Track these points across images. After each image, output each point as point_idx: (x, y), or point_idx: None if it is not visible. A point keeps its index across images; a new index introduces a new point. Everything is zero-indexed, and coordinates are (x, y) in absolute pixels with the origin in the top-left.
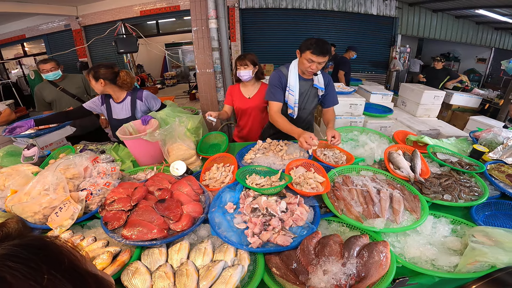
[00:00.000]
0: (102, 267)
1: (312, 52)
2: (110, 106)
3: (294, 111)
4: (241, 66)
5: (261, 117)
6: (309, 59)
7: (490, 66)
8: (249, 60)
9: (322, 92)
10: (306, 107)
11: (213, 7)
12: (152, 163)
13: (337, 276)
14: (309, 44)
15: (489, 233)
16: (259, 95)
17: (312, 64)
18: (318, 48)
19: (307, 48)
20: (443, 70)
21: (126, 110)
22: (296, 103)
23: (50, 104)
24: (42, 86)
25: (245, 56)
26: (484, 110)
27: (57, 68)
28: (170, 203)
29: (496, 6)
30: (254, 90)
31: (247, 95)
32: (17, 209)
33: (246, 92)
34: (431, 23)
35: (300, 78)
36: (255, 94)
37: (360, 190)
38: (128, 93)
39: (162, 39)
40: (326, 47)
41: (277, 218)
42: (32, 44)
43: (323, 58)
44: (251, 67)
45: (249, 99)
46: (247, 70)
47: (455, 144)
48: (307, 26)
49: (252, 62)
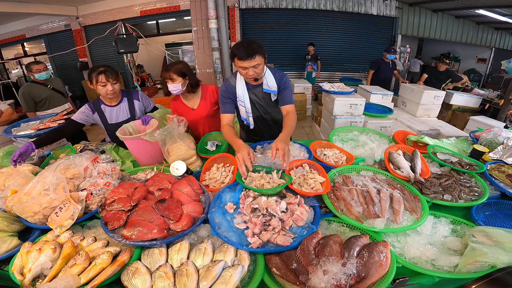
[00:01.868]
0: (102, 267)
1: (239, 58)
2: (102, 112)
3: (248, 120)
4: (168, 79)
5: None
6: (240, 67)
7: (490, 66)
8: (175, 72)
9: (276, 96)
10: (269, 111)
11: (213, 7)
12: (152, 163)
13: (337, 276)
14: (234, 50)
15: (489, 233)
16: (203, 103)
17: (247, 71)
18: (243, 52)
19: (233, 55)
20: (446, 72)
21: (125, 112)
22: (249, 113)
23: (39, 103)
24: (30, 87)
25: (170, 68)
26: (484, 110)
27: (47, 68)
28: (170, 203)
29: (496, 6)
30: (196, 100)
31: (191, 106)
32: (17, 209)
33: (188, 103)
34: (431, 23)
35: (248, 86)
36: (199, 103)
37: (360, 190)
38: (123, 95)
39: (162, 39)
40: (252, 47)
41: (277, 218)
42: (32, 44)
43: (253, 60)
44: (180, 79)
45: (194, 110)
46: (175, 84)
47: (455, 144)
48: (307, 26)
49: (180, 73)
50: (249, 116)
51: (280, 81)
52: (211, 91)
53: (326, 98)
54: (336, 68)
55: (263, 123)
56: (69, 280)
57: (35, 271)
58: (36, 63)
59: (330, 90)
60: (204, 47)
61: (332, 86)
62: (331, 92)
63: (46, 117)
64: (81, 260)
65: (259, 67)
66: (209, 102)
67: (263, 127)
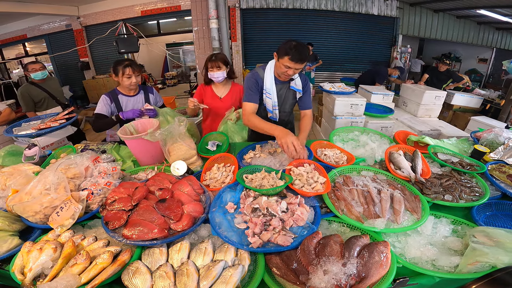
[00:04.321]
0: (102, 266)
1: (291, 59)
2: (119, 102)
3: (274, 114)
4: (214, 68)
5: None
6: (286, 65)
7: (491, 66)
8: (221, 61)
9: (300, 95)
10: (286, 109)
11: (214, 7)
12: (153, 163)
13: (337, 276)
14: (288, 49)
15: (490, 234)
16: (230, 95)
17: (289, 70)
18: (297, 55)
19: (285, 53)
20: (447, 72)
21: (141, 103)
22: (276, 106)
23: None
24: (28, 88)
25: (217, 57)
26: (485, 111)
27: (44, 68)
28: (170, 203)
29: (497, 6)
30: (225, 90)
31: (220, 95)
32: (18, 208)
33: (218, 92)
34: (432, 23)
35: (276, 80)
36: (226, 94)
37: (360, 190)
38: (140, 88)
39: (163, 39)
40: (305, 53)
41: (278, 218)
42: (34, 44)
43: (301, 65)
44: (224, 67)
45: (221, 99)
46: (221, 71)
47: (456, 144)
48: (308, 26)
49: (224, 62)
50: (275, 109)
51: (305, 84)
52: (239, 89)
53: (326, 98)
54: (337, 68)
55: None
56: (69, 279)
57: (35, 271)
58: (33, 62)
59: (330, 90)
60: (205, 47)
61: (332, 86)
62: (331, 92)
63: (47, 116)
64: (82, 260)
65: (299, 70)
66: (236, 96)
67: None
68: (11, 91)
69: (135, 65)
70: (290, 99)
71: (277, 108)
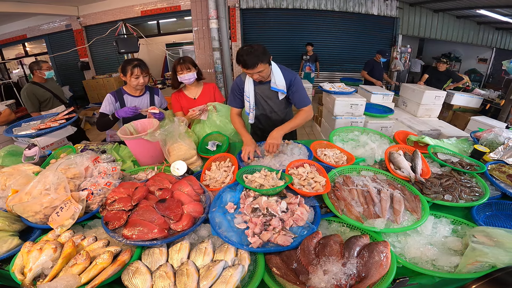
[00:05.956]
0: (102, 266)
1: (243, 67)
2: (124, 102)
3: (250, 116)
4: (184, 70)
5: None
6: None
7: (491, 66)
8: (190, 63)
9: (284, 95)
10: (276, 110)
11: (213, 7)
12: (152, 163)
13: (337, 276)
14: (238, 57)
15: (490, 234)
16: (203, 96)
17: (252, 75)
18: (245, 62)
19: (238, 62)
20: (446, 72)
21: (146, 103)
22: (252, 108)
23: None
24: (33, 88)
25: (185, 60)
26: (485, 111)
27: (51, 67)
28: (170, 203)
29: (497, 6)
30: (198, 91)
31: (193, 96)
32: (18, 208)
33: (190, 94)
34: (432, 23)
35: (256, 82)
36: (199, 94)
37: (360, 190)
38: (146, 89)
39: (163, 39)
40: (254, 56)
41: (278, 218)
42: (33, 44)
43: (256, 69)
44: (193, 69)
45: (195, 100)
46: (191, 73)
47: (456, 144)
48: (307, 26)
49: (193, 63)
50: (251, 111)
51: (290, 82)
52: (213, 86)
53: (326, 98)
54: (337, 68)
55: (267, 122)
56: (69, 279)
57: (35, 271)
58: (43, 62)
59: (330, 90)
60: (204, 47)
61: (332, 86)
62: (331, 92)
63: (47, 117)
64: (82, 260)
65: (263, 71)
66: (210, 93)
67: (267, 125)
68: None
69: (144, 65)
70: (276, 99)
71: (253, 110)
